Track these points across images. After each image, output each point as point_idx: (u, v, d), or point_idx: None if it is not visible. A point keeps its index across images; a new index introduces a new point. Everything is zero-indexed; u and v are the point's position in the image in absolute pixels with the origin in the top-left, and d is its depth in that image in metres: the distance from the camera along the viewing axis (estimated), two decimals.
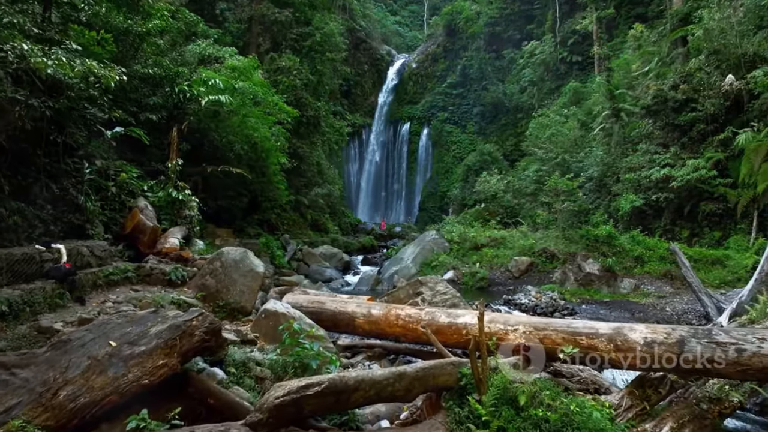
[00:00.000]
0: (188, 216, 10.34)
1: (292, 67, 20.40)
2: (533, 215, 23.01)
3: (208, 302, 7.63)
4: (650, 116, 21.13)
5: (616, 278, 14.08)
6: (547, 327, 6.67)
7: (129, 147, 11.85)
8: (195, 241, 10.18)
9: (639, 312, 12.20)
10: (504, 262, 15.92)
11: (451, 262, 16.62)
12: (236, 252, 7.98)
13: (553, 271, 14.97)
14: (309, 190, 22.72)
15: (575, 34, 40.21)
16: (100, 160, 9.68)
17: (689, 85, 19.79)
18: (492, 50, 44.36)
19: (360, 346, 8.26)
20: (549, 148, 26.49)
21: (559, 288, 13.97)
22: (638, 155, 20.93)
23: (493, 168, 27.68)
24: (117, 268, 7.57)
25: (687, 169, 17.96)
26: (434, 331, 7.26)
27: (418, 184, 44.11)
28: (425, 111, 45.58)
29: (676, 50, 23.42)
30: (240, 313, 7.64)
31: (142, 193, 10.06)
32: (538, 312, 11.59)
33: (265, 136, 13.35)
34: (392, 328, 7.57)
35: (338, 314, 7.89)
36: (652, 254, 15.05)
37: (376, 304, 8.01)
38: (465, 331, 7.10)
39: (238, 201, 16.78)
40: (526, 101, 40.53)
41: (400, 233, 32.93)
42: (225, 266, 7.81)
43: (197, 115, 12.31)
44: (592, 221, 19.38)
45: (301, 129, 20.48)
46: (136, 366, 4.04)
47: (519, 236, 17.49)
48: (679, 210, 19.05)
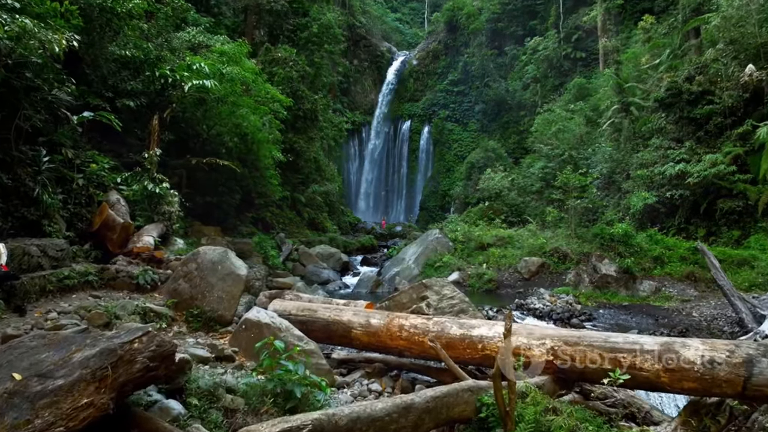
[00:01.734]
0: (167, 212, 9.20)
1: (288, 58, 19.26)
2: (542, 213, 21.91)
3: (180, 310, 6.49)
4: (663, 110, 19.99)
5: (634, 280, 12.94)
6: (580, 341, 5.54)
7: (105, 136, 10.72)
8: (174, 240, 9.04)
9: (663, 317, 11.07)
10: (512, 263, 14.78)
11: (455, 262, 15.48)
12: (214, 252, 6.84)
13: (566, 273, 13.83)
14: (306, 187, 21.58)
15: (579, 30, 39.14)
16: (69, 149, 8.54)
17: (705, 76, 18.67)
18: (494, 47, 43.21)
19: (357, 360, 7.13)
20: (555, 144, 25.38)
21: (573, 291, 12.84)
22: (650, 151, 19.80)
23: (498, 165, 26.53)
24: (74, 271, 6.42)
25: (704, 164, 16.84)
26: (444, 345, 6.12)
27: (419, 183, 42.97)
28: (426, 109, 44.44)
29: (689, 42, 22.29)
30: (217, 323, 6.50)
31: (115, 186, 8.92)
32: (554, 318, 10.46)
33: (256, 126, 12.17)
34: (395, 341, 6.43)
35: (332, 324, 6.75)
36: (672, 254, 13.92)
37: (375, 312, 6.87)
38: (481, 346, 5.97)
39: (230, 197, 15.64)
40: (529, 98, 39.43)
41: (401, 233, 31.80)
42: (201, 269, 6.67)
43: (182, 103, 11.18)
44: (604, 219, 18.27)
45: (297, 123, 19.34)
46: (47, 408, 2.91)
47: (527, 235, 16.34)
48: (695, 208, 17.94)
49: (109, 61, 10.30)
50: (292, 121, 18.99)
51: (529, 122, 39.52)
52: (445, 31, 45.58)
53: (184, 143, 12.27)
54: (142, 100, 10.51)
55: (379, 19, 49.86)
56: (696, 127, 18.66)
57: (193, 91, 10.84)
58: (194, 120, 11.76)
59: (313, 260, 17.34)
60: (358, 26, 44.21)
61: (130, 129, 11.06)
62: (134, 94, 10.34)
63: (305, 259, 17.27)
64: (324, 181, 23.29)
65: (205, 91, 10.88)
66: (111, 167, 9.36)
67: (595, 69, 36.30)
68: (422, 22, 56.92)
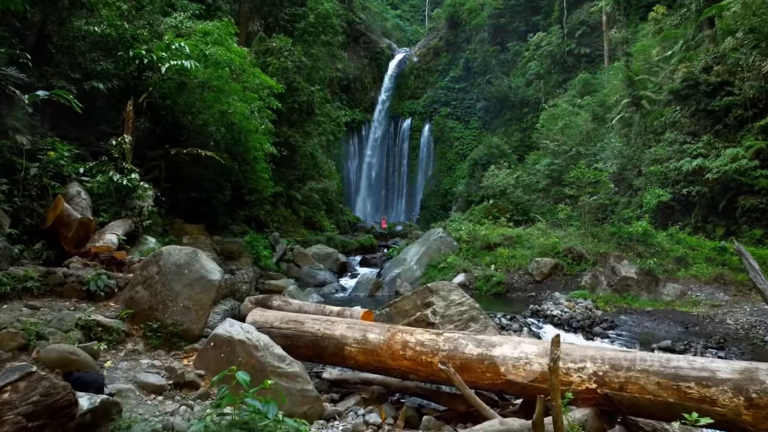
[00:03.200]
0: (137, 207, 8.01)
1: (283, 48, 18.05)
2: (549, 211, 20.71)
3: (137, 323, 5.30)
4: (678, 102, 18.78)
5: (657, 283, 11.74)
6: (632, 366, 4.35)
7: (74, 124, 9.52)
8: (145, 239, 7.84)
9: (693, 324, 9.88)
10: (522, 264, 13.57)
11: (461, 263, 14.28)
12: (181, 253, 5.65)
13: (581, 275, 12.63)
14: (302, 184, 20.38)
15: (583, 26, 37.98)
16: (23, 134, 7.35)
17: (724, 66, 17.47)
18: (496, 43, 41.98)
19: (353, 382, 5.94)
20: (562, 140, 24.17)
21: (589, 294, 11.65)
22: (663, 146, 18.61)
23: (502, 162, 25.33)
24: (8, 276, 5.23)
25: (723, 159, 15.64)
26: (458, 367, 4.93)
27: (420, 182, 41.75)
28: (427, 106, 43.21)
29: (702, 33, 21.08)
30: (182, 339, 5.31)
31: (77, 178, 7.73)
32: (574, 326, 9.25)
33: (243, 113, 10.95)
34: (397, 361, 5.25)
35: (322, 340, 5.56)
36: (696, 255, 12.73)
37: (374, 326, 5.67)
38: (504, 369, 4.78)
39: (219, 194, 14.45)
40: (532, 95, 38.23)
41: (401, 232, 30.61)
42: (164, 273, 5.48)
43: (161, 88, 9.98)
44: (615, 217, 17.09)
45: (293, 116, 18.14)
46: None
47: (538, 234, 15.14)
48: (713, 205, 16.76)
49: (78, 39, 9.12)
50: (287, 114, 17.79)
51: (532, 119, 38.30)
52: (446, 28, 44.37)
53: (166, 133, 11.06)
54: (114, 82, 9.31)
55: (379, 15, 48.64)
56: (714, 120, 17.47)
57: (172, 73, 9.64)
58: (176, 108, 10.55)
59: (308, 261, 16.14)
60: (357, 22, 43.02)
61: (102, 116, 9.88)
62: (105, 75, 9.15)
63: (300, 260, 16.07)
64: (321, 178, 22.09)
65: (186, 73, 9.68)
66: (75, 156, 8.17)
67: (599, 65, 35.16)
68: (423, 19, 55.72)
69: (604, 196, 14.70)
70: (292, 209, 19.79)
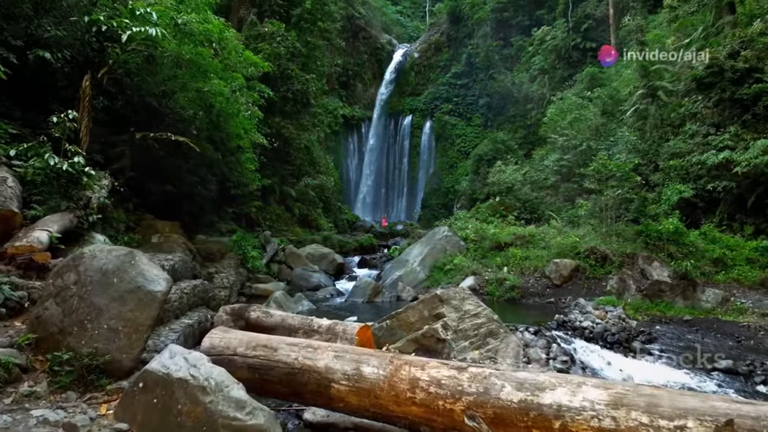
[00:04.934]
0: (84, 198, 6.48)
1: (276, 33, 16.50)
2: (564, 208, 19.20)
3: (42, 353, 3.78)
4: (701, 91, 17.27)
5: (694, 288, 10.19)
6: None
7: (19, 102, 8.01)
8: (92, 237, 6.31)
9: (745, 338, 8.34)
10: (538, 266, 12.03)
11: (469, 265, 12.74)
12: (110, 255, 4.11)
13: (606, 278, 11.09)
14: (297, 180, 18.85)
15: (589, 19, 36.51)
16: None
17: (752, 51, 15.95)
18: (499, 38, 40.45)
19: (343, 428, 4.41)
20: (571, 134, 22.64)
21: (617, 301, 10.12)
22: (683, 138, 17.11)
23: (509, 157, 23.79)
24: None
25: (753, 151, 14.14)
26: (491, 420, 3.37)
27: (421, 180, 40.21)
28: (428, 103, 41.67)
29: (723, 19, 19.58)
30: (105, 375, 3.79)
31: (7, 162, 6.20)
32: (608, 340, 7.70)
33: (222, 93, 9.35)
34: (403, 406, 3.71)
35: (300, 374, 4.01)
36: (736, 255, 11.21)
37: (371, 354, 4.10)
38: (560, 425, 3.25)
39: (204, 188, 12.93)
40: (537, 91, 36.72)
41: (402, 231, 29.10)
42: (84, 282, 3.95)
43: (125, 62, 8.46)
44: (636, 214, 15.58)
45: (286, 106, 16.58)
46: None
47: (553, 233, 13.61)
48: (740, 201, 15.27)
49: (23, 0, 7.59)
50: (279, 104, 16.25)
51: (536, 116, 36.78)
52: (447, 23, 42.82)
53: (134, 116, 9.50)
54: (66, 53, 7.79)
55: (379, 10, 47.05)
56: (741, 110, 15.95)
57: (137, 44, 8.11)
58: (144, 87, 9.01)
59: (302, 262, 14.60)
60: (357, 17, 41.47)
61: (56, 94, 8.35)
62: (54, 43, 7.63)
63: (293, 261, 14.53)
64: (318, 174, 20.55)
65: (153, 44, 8.15)
66: (11, 137, 6.64)
67: None
68: (423, 16, 54.15)
69: (629, 191, 13.18)
70: (285, 206, 18.25)
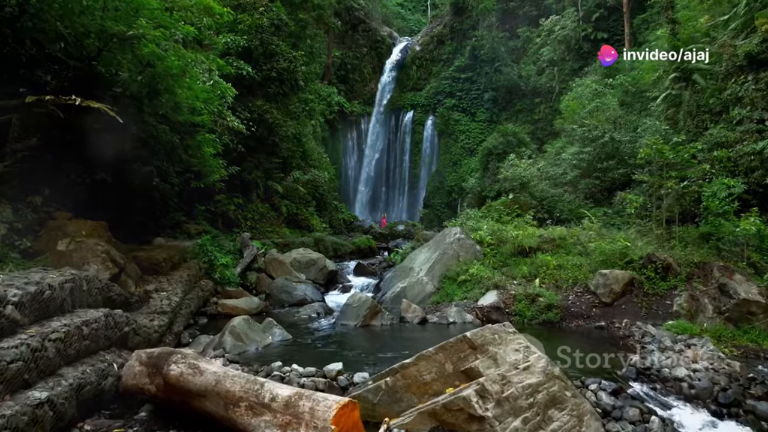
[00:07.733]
0: None
1: (258, 3, 13.86)
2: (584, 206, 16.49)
3: None
4: (751, 70, 14.58)
5: None
6: None
7: None
8: None
9: None
10: (578, 278, 9.34)
11: (488, 275, 10.03)
12: None
13: (670, 295, 8.40)
14: (285, 174, 16.19)
15: (601, 8, 33.85)
16: None
17: None
18: (505, 29, 37.70)
19: None
20: (592, 125, 19.98)
21: (691, 326, 7.44)
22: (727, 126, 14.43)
23: (522, 150, 21.10)
24: None
25: None
26: None
27: (423, 178, 37.49)
28: (430, 98, 38.92)
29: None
30: None
31: None
32: (720, 401, 5.01)
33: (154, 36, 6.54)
34: None
35: None
36: None
37: None
38: None
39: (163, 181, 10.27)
40: (545, 83, 34.03)
41: (404, 232, 26.42)
42: None
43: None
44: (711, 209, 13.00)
45: (270, 87, 13.89)
46: None
47: (591, 235, 10.91)
48: None
49: None
50: (262, 84, 13.55)
51: (545, 110, 34.14)
52: (450, 14, 40.06)
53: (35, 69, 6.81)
54: None
55: (379, 2, 44.30)
56: None
57: None
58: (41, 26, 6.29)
59: (285, 270, 11.90)
60: (356, 8, 38.75)
61: None
62: None
63: (274, 269, 11.83)
64: (310, 168, 17.86)
65: None
66: None
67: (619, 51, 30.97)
68: (425, 9, 51.42)
69: (693, 182, 10.51)
70: (271, 204, 15.57)
